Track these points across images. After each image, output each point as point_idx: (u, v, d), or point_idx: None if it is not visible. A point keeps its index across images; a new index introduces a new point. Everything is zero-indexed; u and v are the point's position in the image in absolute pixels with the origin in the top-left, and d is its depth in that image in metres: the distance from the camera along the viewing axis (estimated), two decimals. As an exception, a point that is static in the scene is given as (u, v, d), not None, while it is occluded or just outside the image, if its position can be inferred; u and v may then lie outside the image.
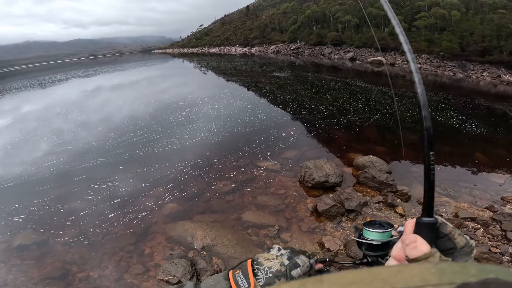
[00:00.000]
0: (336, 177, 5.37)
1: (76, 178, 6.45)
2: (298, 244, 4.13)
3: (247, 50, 59.83)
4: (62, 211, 5.24)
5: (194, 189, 5.65)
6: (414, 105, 11.34)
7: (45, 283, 3.74)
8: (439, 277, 0.18)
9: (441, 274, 0.18)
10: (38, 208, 5.37)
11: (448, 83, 19.22)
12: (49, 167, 7.16)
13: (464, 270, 0.18)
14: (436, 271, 0.19)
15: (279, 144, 7.57)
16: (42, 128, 11.09)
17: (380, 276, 0.19)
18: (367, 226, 0.69)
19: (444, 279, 0.18)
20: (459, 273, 0.18)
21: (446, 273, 0.18)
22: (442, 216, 4.55)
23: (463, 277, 0.18)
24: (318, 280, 0.19)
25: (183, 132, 9.10)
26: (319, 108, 10.83)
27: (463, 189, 5.46)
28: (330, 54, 37.48)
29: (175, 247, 4.20)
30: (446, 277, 0.18)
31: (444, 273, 0.18)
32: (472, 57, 24.83)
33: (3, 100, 21.80)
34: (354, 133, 8.40)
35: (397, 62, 27.69)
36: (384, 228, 0.66)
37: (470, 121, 9.47)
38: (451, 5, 32.81)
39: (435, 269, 0.19)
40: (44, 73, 53.67)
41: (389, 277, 0.18)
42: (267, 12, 77.01)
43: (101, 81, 27.61)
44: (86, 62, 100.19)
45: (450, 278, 0.18)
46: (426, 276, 0.18)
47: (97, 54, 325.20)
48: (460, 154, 7.16)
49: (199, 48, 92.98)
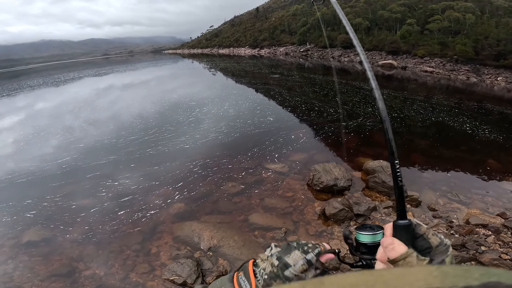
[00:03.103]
0: (345, 181, 5.30)
1: (89, 175, 6.57)
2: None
3: (256, 52, 59.94)
4: (74, 207, 5.33)
5: (203, 189, 5.67)
6: (426, 110, 11.15)
7: (51, 280, 3.78)
8: (442, 281, 0.18)
9: (444, 277, 0.18)
10: (50, 204, 5.47)
11: (461, 88, 18.81)
12: (62, 164, 7.31)
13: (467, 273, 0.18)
14: (438, 274, 0.18)
15: (287, 147, 7.53)
16: (56, 126, 11.35)
17: (382, 278, 0.18)
18: (360, 229, 0.71)
19: (446, 283, 0.18)
20: (462, 276, 0.18)
21: (449, 276, 0.18)
22: (453, 222, 4.47)
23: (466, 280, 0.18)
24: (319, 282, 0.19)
25: (193, 131, 9.17)
26: (329, 111, 10.75)
27: (475, 195, 5.36)
28: (340, 57, 37.21)
29: (182, 247, 4.21)
30: (449, 280, 0.18)
31: (447, 276, 0.18)
32: (486, 61, 24.23)
33: (18, 97, 22.40)
34: (364, 137, 8.29)
35: (409, 66, 27.27)
36: (375, 231, 0.69)
37: (483, 127, 9.24)
38: (466, 8, 32.15)
39: (438, 272, 0.19)
40: (58, 71, 55.00)
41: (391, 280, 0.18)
42: (276, 14, 77.07)
43: (113, 80, 28.12)
44: (98, 61, 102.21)
45: (453, 281, 0.18)
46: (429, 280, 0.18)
47: (109, 54, 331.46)
48: (472, 161, 7.00)
49: (209, 49, 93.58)
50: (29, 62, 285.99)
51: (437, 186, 5.67)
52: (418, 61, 27.91)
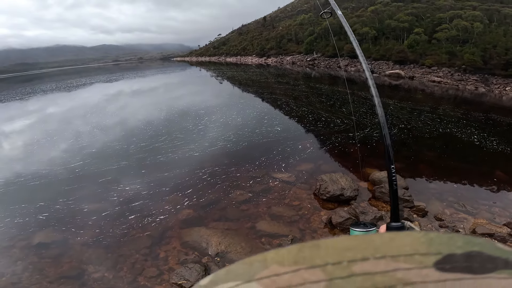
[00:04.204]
0: (351, 191, 5.35)
1: (101, 179, 6.74)
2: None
3: (263, 61, 60.48)
4: (85, 210, 5.47)
5: (211, 196, 5.77)
6: (433, 120, 11.13)
7: (60, 282, 3.82)
8: (428, 247, 0.19)
9: (430, 244, 0.20)
10: (62, 207, 5.63)
11: (469, 98, 18.71)
12: (75, 168, 7.51)
13: (451, 241, 0.20)
14: (425, 240, 0.20)
15: (295, 156, 7.61)
16: (68, 130, 11.65)
17: (373, 243, 0.20)
18: (353, 226, 0.76)
19: (432, 249, 0.19)
20: (446, 244, 0.20)
21: (434, 243, 0.20)
22: (459, 231, 4.49)
23: (450, 248, 0.19)
24: (315, 244, 0.21)
25: (202, 139, 9.32)
26: (335, 122, 10.81)
27: (481, 206, 5.38)
28: (347, 66, 37.38)
29: (190, 252, 4.28)
30: (434, 247, 0.19)
31: (432, 243, 0.20)
32: (495, 71, 24.01)
33: (31, 101, 23.02)
34: (371, 148, 8.32)
35: (416, 75, 27.20)
36: (368, 228, 0.73)
37: (491, 138, 9.19)
38: (474, 17, 32.09)
39: (425, 239, 0.20)
40: (71, 76, 56.40)
41: (381, 244, 0.20)
42: (284, 23, 77.79)
43: (123, 87, 28.70)
44: (109, 67, 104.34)
45: (438, 248, 0.19)
46: (416, 245, 0.20)
47: (120, 60, 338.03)
48: (480, 172, 6.98)
49: (216, 57, 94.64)
50: (43, 67, 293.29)
51: (444, 196, 5.68)
52: (426, 71, 27.84)
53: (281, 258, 0.20)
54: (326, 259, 0.19)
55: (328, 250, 0.20)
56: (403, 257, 0.18)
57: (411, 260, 0.18)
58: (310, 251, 0.20)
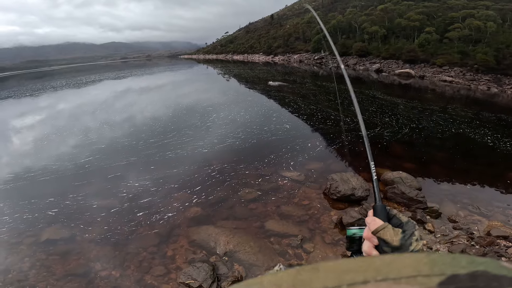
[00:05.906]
0: (362, 191, 5.24)
1: (110, 175, 6.76)
2: (321, 255, 4.04)
3: (270, 59, 60.21)
4: (94, 207, 5.48)
5: (220, 194, 5.72)
6: (445, 121, 10.88)
7: (67, 279, 3.80)
8: (431, 268, 0.18)
9: (433, 265, 0.19)
10: (72, 203, 5.64)
11: (481, 98, 18.26)
12: (85, 164, 7.56)
13: (455, 261, 0.19)
14: (428, 261, 0.19)
15: (304, 155, 7.50)
16: (78, 126, 11.76)
17: (374, 265, 0.19)
18: (349, 227, 0.85)
19: (435, 270, 0.18)
20: (449, 264, 0.19)
21: (437, 264, 0.19)
22: (473, 233, 4.44)
23: (453, 268, 0.18)
24: (314, 268, 0.20)
25: (211, 136, 9.29)
26: (345, 120, 10.65)
27: (496, 208, 5.24)
28: (355, 65, 36.90)
29: (198, 251, 4.24)
30: (437, 268, 0.18)
31: (435, 264, 0.19)
32: (508, 71, 23.41)
33: (41, 97, 23.36)
34: (382, 147, 8.16)
35: (427, 75, 26.68)
36: (361, 226, 0.80)
37: (504, 139, 8.92)
38: (487, 16, 31.30)
39: (427, 259, 0.19)
40: (80, 73, 57.14)
41: (382, 266, 0.19)
42: (291, 21, 77.34)
43: (132, 84, 28.91)
44: (117, 65, 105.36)
45: (441, 269, 0.18)
46: (418, 267, 0.19)
47: (128, 57, 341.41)
48: (493, 174, 6.78)
49: (224, 55, 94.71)
50: (53, 64, 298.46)
51: (457, 198, 5.53)
52: (437, 70, 27.26)
53: (279, 281, 0.19)
54: (325, 283, 0.19)
55: (327, 273, 0.19)
56: (405, 279, 0.18)
57: (414, 282, 0.18)
58: (308, 274, 0.20)
